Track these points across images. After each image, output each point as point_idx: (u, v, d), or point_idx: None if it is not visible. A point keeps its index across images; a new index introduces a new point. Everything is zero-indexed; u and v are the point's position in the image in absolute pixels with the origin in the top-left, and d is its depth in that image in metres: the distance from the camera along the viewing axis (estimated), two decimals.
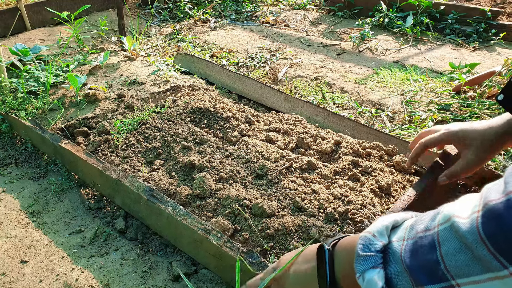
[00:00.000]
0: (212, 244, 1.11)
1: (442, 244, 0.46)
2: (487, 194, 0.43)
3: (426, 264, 0.48)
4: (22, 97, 2.06)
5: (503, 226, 0.40)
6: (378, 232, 0.56)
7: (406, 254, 0.51)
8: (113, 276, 1.21)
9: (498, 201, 0.41)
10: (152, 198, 1.27)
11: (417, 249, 0.50)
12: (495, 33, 2.92)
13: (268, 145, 1.57)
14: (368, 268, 0.54)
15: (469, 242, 0.43)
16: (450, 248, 0.45)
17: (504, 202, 0.40)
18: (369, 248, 0.55)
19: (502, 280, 0.41)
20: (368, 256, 0.55)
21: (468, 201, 0.47)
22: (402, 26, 3.11)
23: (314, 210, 1.25)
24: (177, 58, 2.56)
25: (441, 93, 2.16)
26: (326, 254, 0.64)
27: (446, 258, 0.45)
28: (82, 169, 1.55)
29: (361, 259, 0.55)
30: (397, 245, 0.54)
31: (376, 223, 0.59)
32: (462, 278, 0.44)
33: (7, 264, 1.24)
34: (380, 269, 0.54)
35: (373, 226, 0.58)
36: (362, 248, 0.56)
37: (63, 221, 1.44)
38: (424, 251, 0.48)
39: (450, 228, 0.46)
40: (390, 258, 0.54)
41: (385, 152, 1.53)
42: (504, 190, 0.41)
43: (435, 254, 0.47)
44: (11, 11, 2.99)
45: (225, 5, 3.87)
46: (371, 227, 0.58)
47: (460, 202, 0.48)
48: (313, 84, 2.38)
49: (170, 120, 1.77)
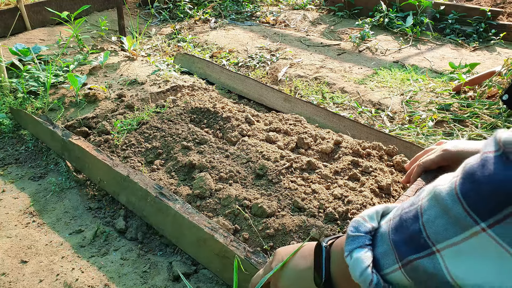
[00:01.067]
0: (217, 243, 1.11)
1: (424, 213, 0.48)
2: (466, 162, 0.46)
3: (409, 236, 0.49)
4: (22, 97, 2.06)
5: (475, 182, 0.42)
6: (369, 216, 0.58)
7: (392, 231, 0.53)
8: (113, 276, 1.21)
9: (474, 163, 0.43)
10: (160, 196, 1.28)
11: (402, 223, 0.51)
12: (495, 33, 2.92)
13: (268, 145, 1.57)
14: (356, 247, 0.56)
15: (447, 204, 0.44)
16: (431, 215, 0.47)
17: (479, 162, 0.43)
18: (358, 229, 0.57)
19: (477, 237, 0.42)
20: (357, 236, 0.57)
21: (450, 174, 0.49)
22: (402, 26, 3.11)
23: (314, 210, 1.25)
24: (177, 58, 2.56)
25: (441, 93, 2.16)
26: (323, 251, 0.65)
27: (427, 225, 0.47)
28: (90, 165, 1.55)
29: (350, 239, 0.57)
30: (385, 226, 0.55)
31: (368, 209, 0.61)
32: (441, 242, 0.45)
33: (7, 264, 1.24)
34: (368, 250, 0.55)
35: (365, 211, 0.60)
36: (352, 230, 0.58)
37: (63, 221, 1.44)
38: (408, 224, 0.50)
39: (432, 197, 0.47)
40: (378, 240, 0.55)
41: (385, 152, 1.53)
42: (481, 154, 0.43)
43: (418, 224, 0.48)
44: (11, 11, 2.99)
45: (225, 5, 3.87)
46: (363, 212, 0.60)
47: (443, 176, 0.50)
48: (313, 84, 2.38)
49: (170, 120, 1.77)
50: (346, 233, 0.60)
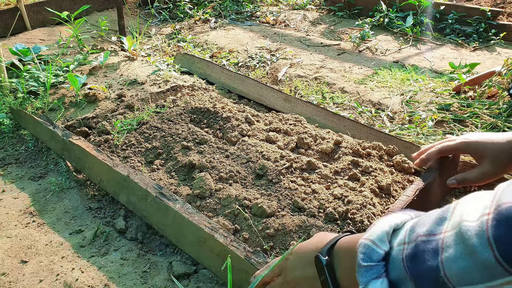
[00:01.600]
0: (218, 243, 1.11)
1: (444, 250, 0.44)
2: (500, 196, 0.41)
3: (427, 270, 0.45)
4: (22, 97, 2.06)
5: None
6: (378, 239, 0.54)
7: (407, 259, 0.49)
8: (113, 276, 1.21)
9: None
10: (160, 196, 1.28)
11: (418, 254, 0.47)
12: (495, 33, 2.92)
13: (268, 145, 1.57)
14: (371, 279, 0.52)
15: (475, 245, 0.40)
16: (451, 254, 0.43)
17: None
18: (370, 257, 0.53)
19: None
20: (370, 267, 0.53)
21: (479, 201, 0.44)
22: (402, 26, 3.11)
23: (314, 210, 1.25)
24: (177, 58, 2.56)
25: (441, 93, 2.16)
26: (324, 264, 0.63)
27: (446, 264, 0.43)
28: (90, 165, 1.55)
29: (363, 269, 0.53)
30: (397, 250, 0.52)
31: (375, 228, 0.56)
32: (462, 286, 0.42)
33: (7, 264, 1.25)
34: (383, 278, 0.52)
35: (372, 232, 0.56)
36: (363, 258, 0.54)
37: (63, 221, 1.44)
38: (426, 257, 0.46)
39: (457, 233, 0.43)
40: (392, 265, 0.52)
41: (385, 152, 1.53)
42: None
43: (436, 260, 0.44)
44: (11, 11, 2.98)
45: (225, 5, 3.87)
46: (371, 233, 0.55)
47: (470, 202, 0.45)
48: (313, 84, 2.38)
49: (170, 120, 1.77)
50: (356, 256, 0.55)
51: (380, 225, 0.55)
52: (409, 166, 1.46)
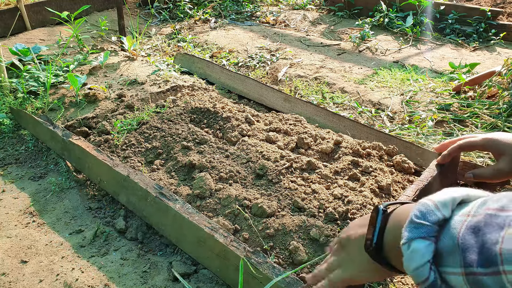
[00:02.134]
0: (217, 243, 1.11)
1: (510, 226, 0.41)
2: None
3: (482, 243, 0.43)
4: (22, 97, 2.06)
5: None
6: (442, 203, 0.49)
7: (466, 231, 0.45)
8: (113, 276, 1.21)
9: None
10: (160, 196, 1.28)
11: (481, 226, 0.44)
12: (495, 33, 2.92)
13: (268, 145, 1.57)
14: (417, 237, 0.48)
15: None
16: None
17: None
18: (426, 216, 0.49)
19: None
20: (421, 225, 0.49)
21: None
22: (402, 26, 3.11)
23: (314, 210, 1.25)
24: (177, 58, 2.56)
25: (441, 93, 2.16)
26: (380, 215, 0.58)
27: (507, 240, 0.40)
28: (90, 165, 1.55)
29: (413, 225, 0.49)
30: (458, 220, 0.47)
31: (442, 192, 0.51)
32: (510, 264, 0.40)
33: (7, 264, 1.25)
34: (431, 242, 0.48)
35: (438, 194, 0.51)
36: (418, 215, 0.50)
37: (63, 221, 1.44)
38: (488, 230, 0.43)
39: None
40: (446, 233, 0.48)
41: (385, 152, 1.53)
42: None
43: (498, 234, 0.41)
44: (11, 11, 2.98)
45: (225, 5, 3.87)
46: (435, 195, 0.51)
47: None
48: (313, 84, 2.38)
49: (170, 120, 1.77)
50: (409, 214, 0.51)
51: (450, 191, 0.51)
52: (409, 166, 1.46)
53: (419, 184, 1.25)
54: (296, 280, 0.97)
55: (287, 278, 0.97)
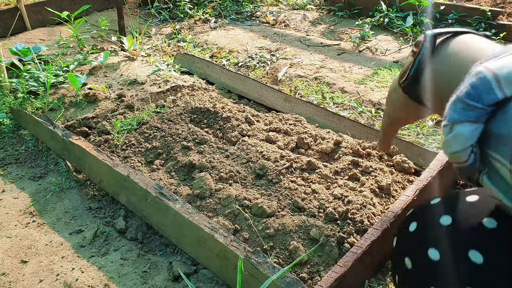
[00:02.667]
0: (217, 243, 1.11)
1: None
2: None
3: None
4: (22, 97, 2.06)
5: None
6: (506, 78, 0.38)
7: None
8: (113, 276, 1.21)
9: None
10: (160, 196, 1.28)
11: None
12: (495, 33, 2.92)
13: (268, 145, 1.57)
14: (464, 120, 0.40)
15: None
16: None
17: None
18: (481, 97, 0.39)
19: None
20: (473, 108, 0.40)
21: None
22: (402, 26, 3.11)
23: (314, 210, 1.25)
24: (177, 58, 2.56)
25: None
26: (427, 40, 0.48)
27: None
28: (90, 165, 1.55)
29: (460, 106, 0.41)
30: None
31: (507, 56, 0.40)
32: None
33: (7, 264, 1.25)
34: (479, 126, 0.40)
35: (501, 60, 0.40)
36: (470, 94, 0.40)
37: (63, 221, 1.44)
38: None
39: None
40: (501, 117, 0.39)
41: (385, 152, 1.53)
42: None
43: None
44: (11, 11, 2.98)
45: (225, 5, 3.87)
46: (498, 64, 0.39)
47: None
48: (313, 84, 2.38)
49: (170, 120, 1.77)
50: (461, 85, 0.40)
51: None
52: (409, 166, 1.46)
53: (419, 184, 1.25)
54: (296, 280, 0.97)
55: (287, 278, 0.97)
